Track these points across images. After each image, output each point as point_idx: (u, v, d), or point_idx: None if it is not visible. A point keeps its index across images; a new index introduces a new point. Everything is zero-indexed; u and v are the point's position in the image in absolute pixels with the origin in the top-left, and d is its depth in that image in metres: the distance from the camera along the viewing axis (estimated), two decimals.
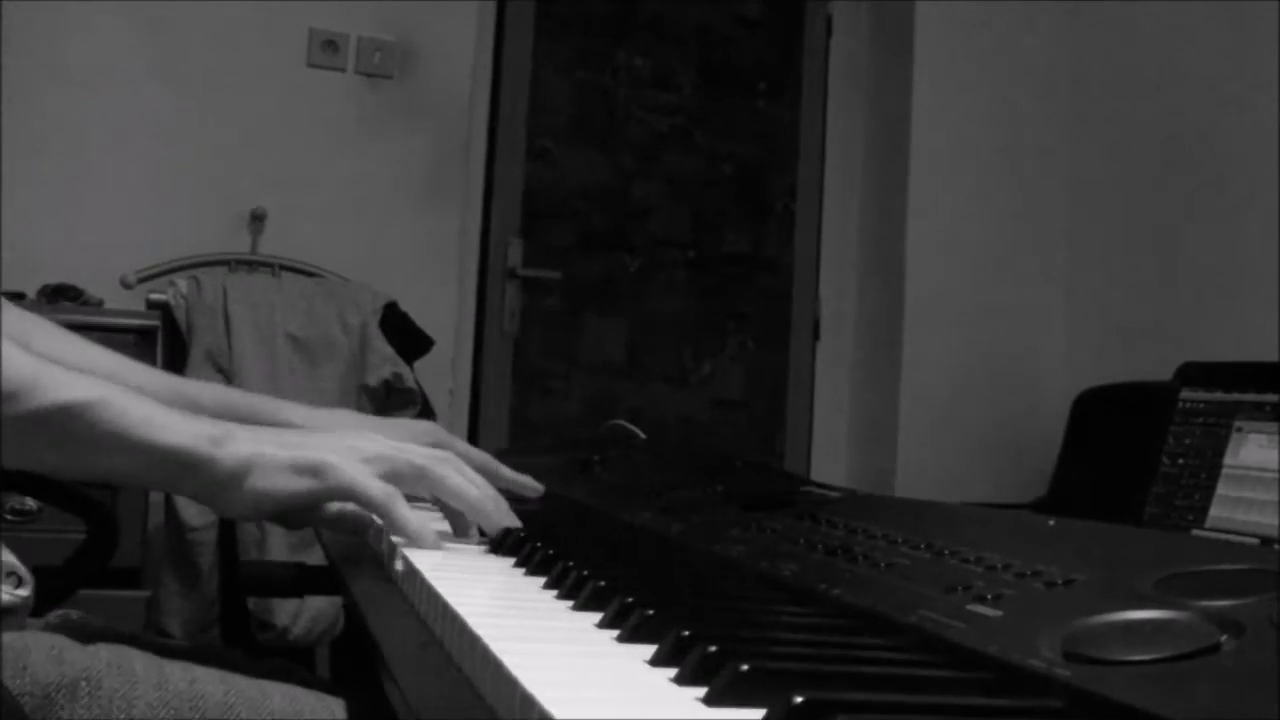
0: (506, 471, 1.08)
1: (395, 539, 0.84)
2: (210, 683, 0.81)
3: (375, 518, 0.90)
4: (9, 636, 0.80)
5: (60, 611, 1.01)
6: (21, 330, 1.12)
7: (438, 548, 0.84)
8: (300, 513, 0.87)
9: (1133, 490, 1.28)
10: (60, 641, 0.81)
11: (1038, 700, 0.46)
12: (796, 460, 3.47)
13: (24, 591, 0.93)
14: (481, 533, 0.90)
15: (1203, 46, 2.93)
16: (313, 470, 0.82)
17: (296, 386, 2.51)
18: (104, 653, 0.81)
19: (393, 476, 0.85)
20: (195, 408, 0.95)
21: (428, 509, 1.05)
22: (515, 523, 0.89)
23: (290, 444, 0.84)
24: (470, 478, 0.89)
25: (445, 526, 0.93)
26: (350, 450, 0.84)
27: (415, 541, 0.83)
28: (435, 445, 1.05)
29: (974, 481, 3.05)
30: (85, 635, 0.94)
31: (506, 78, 3.29)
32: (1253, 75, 2.74)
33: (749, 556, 0.79)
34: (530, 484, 1.10)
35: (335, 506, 0.89)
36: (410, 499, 0.86)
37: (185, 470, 0.79)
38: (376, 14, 3.03)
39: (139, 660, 0.81)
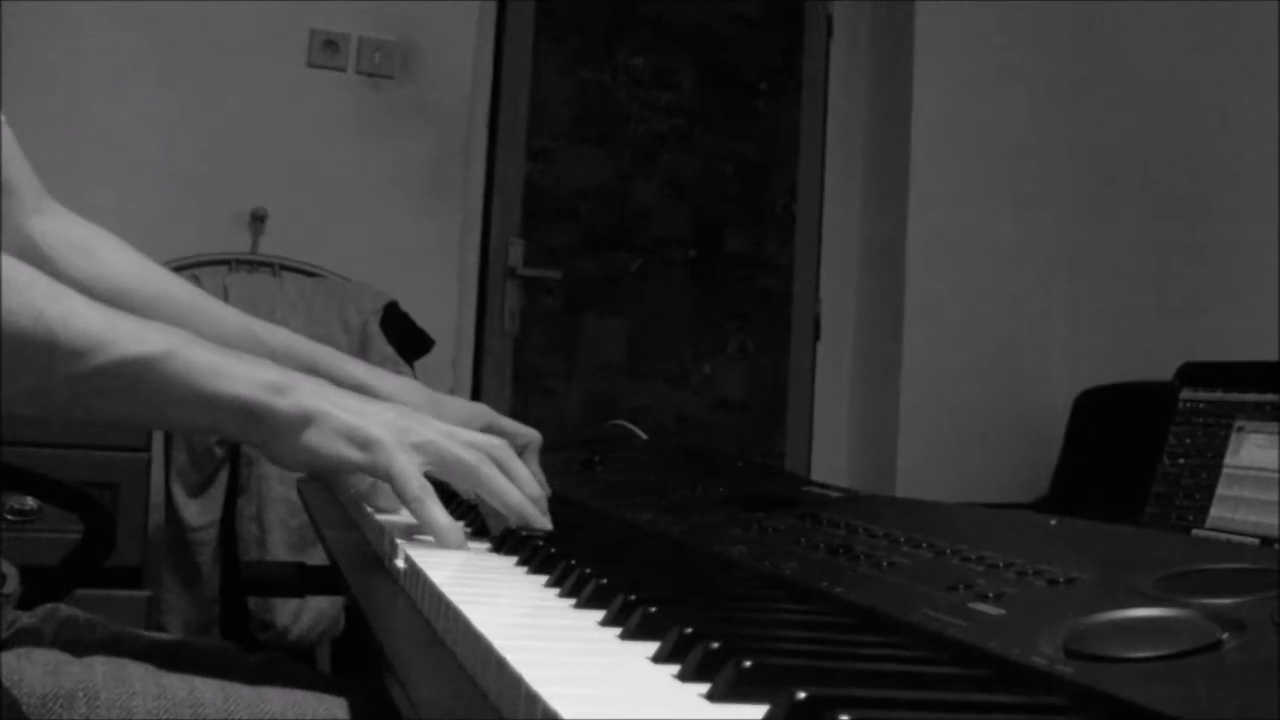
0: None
1: (398, 539, 0.84)
2: (209, 690, 0.80)
3: (376, 515, 0.90)
4: (6, 655, 0.80)
5: (48, 606, 1.01)
6: (85, 244, 1.14)
7: (463, 548, 0.83)
8: (336, 477, 0.88)
9: (1133, 490, 1.28)
10: (56, 656, 0.81)
11: (1039, 697, 0.46)
12: (797, 460, 3.48)
13: (8, 590, 0.93)
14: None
15: (1203, 47, 2.93)
16: (364, 443, 0.82)
17: None
18: (100, 665, 0.81)
19: (439, 465, 0.84)
20: (261, 349, 0.96)
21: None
22: (549, 526, 0.87)
23: (350, 408, 0.84)
24: (517, 475, 0.87)
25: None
26: (404, 431, 0.84)
27: (440, 540, 0.82)
28: (486, 428, 1.05)
29: (974, 481, 3.05)
30: (79, 642, 0.94)
31: (506, 78, 3.29)
32: (1253, 75, 2.74)
33: (750, 556, 0.79)
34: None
35: (368, 482, 0.89)
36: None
37: (249, 419, 0.80)
38: (377, 14, 3.03)
39: (136, 671, 0.81)
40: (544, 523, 0.87)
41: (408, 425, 0.84)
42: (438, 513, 0.82)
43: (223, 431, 0.87)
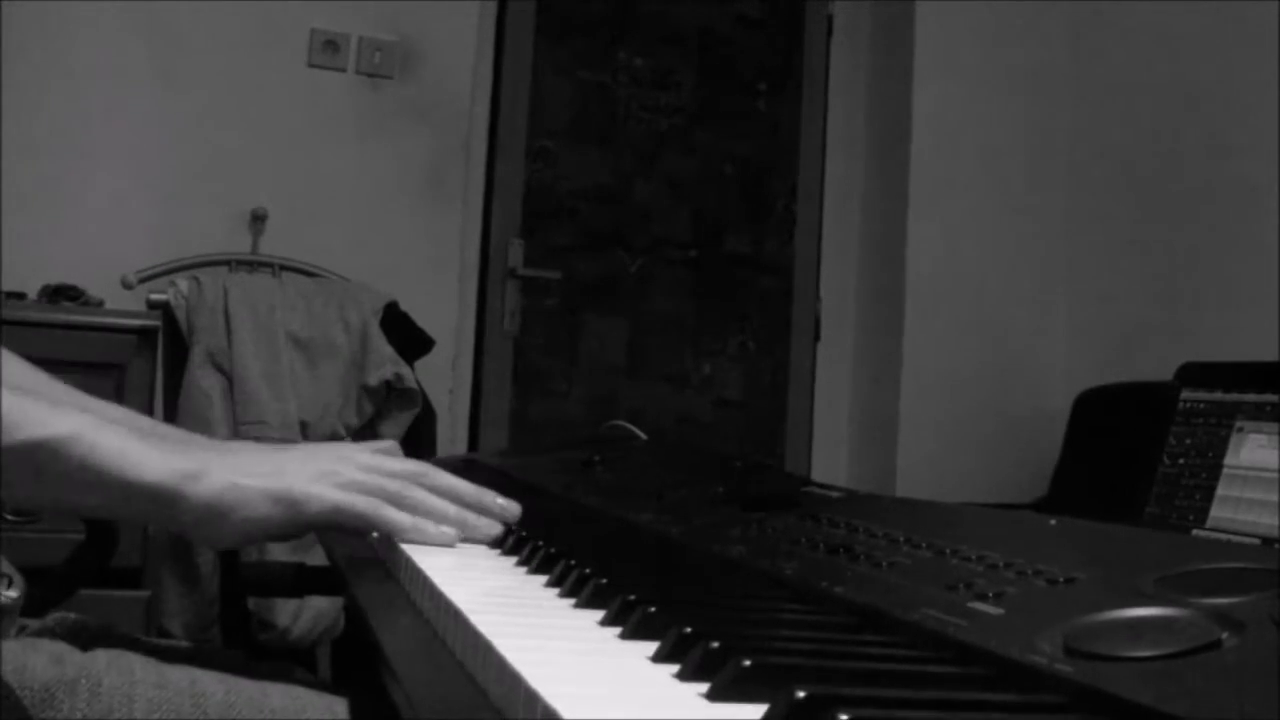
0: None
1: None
2: (211, 682, 0.81)
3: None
4: (9, 643, 0.80)
5: (58, 614, 1.01)
6: None
7: (442, 541, 0.84)
8: (289, 535, 0.87)
9: (1133, 490, 1.28)
10: (60, 647, 0.81)
11: (1039, 696, 0.46)
12: (797, 460, 3.48)
13: (13, 593, 0.93)
14: None
15: (1203, 47, 2.93)
16: (290, 501, 0.82)
17: (297, 386, 2.52)
18: (103, 655, 0.81)
19: (375, 487, 0.85)
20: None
21: None
22: (497, 530, 0.88)
23: (267, 474, 0.82)
24: (446, 486, 0.88)
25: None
26: (324, 475, 0.84)
27: (416, 538, 0.83)
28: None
29: (974, 481, 3.05)
30: (84, 638, 0.94)
31: (506, 78, 3.29)
32: (1253, 75, 2.74)
33: (750, 556, 0.79)
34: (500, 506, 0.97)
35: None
36: None
37: (160, 506, 0.79)
38: (377, 14, 3.03)
39: (139, 662, 0.82)
40: (491, 530, 0.88)
41: (330, 469, 0.84)
42: (396, 516, 0.84)
43: (137, 517, 0.88)
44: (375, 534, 0.90)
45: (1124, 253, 3.16)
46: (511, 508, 0.90)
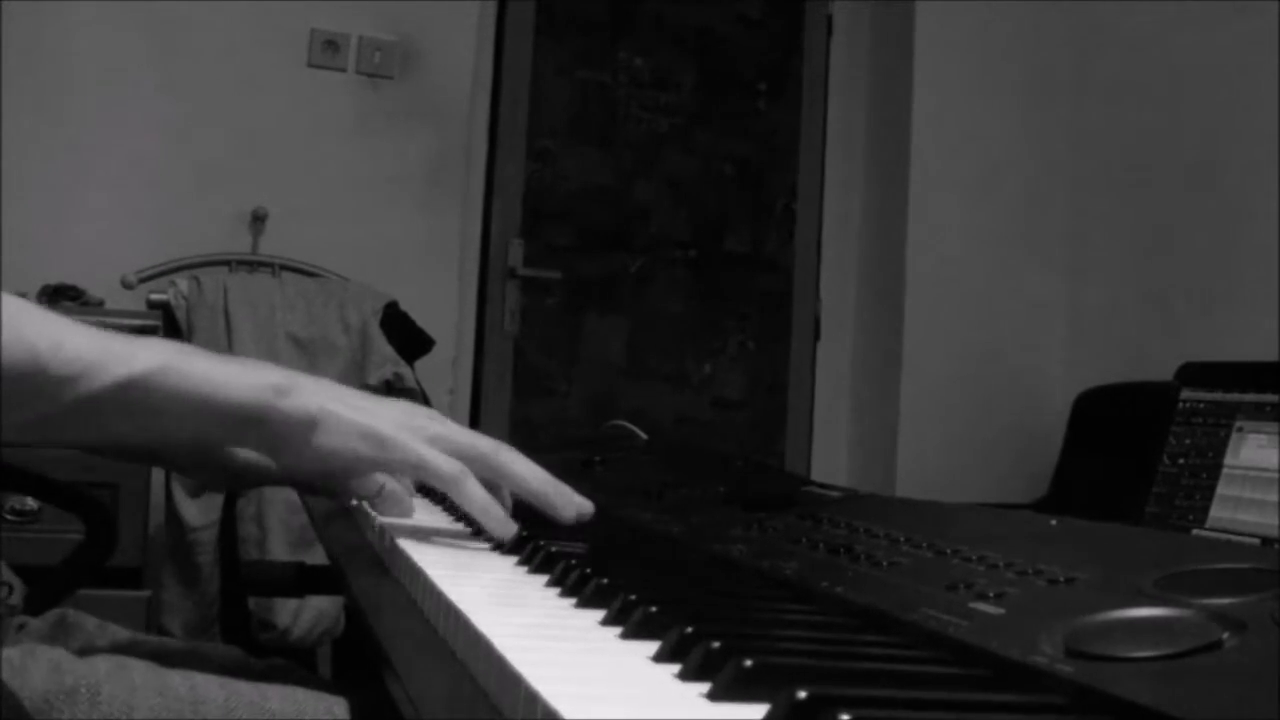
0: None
1: (398, 538, 0.84)
2: (210, 687, 0.81)
3: (378, 518, 0.90)
4: (8, 651, 0.80)
5: (57, 611, 1.01)
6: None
7: (506, 533, 0.82)
8: (340, 480, 0.86)
9: (1133, 490, 1.28)
10: (59, 654, 0.81)
11: (1040, 696, 0.46)
12: (796, 460, 3.48)
13: (13, 600, 0.93)
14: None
15: (1203, 47, 2.93)
16: (380, 441, 0.81)
17: None
18: (103, 663, 0.81)
19: (456, 456, 0.83)
20: None
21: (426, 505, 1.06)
22: (587, 508, 0.86)
23: (358, 406, 0.82)
24: (527, 465, 0.86)
25: (443, 522, 0.93)
26: (415, 428, 0.83)
27: (484, 519, 0.82)
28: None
29: (974, 481, 3.05)
30: (82, 638, 0.94)
31: (506, 78, 3.29)
32: (1252, 76, 2.74)
33: (750, 556, 0.79)
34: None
35: (375, 488, 0.88)
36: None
37: (253, 425, 0.79)
38: (377, 14, 3.03)
39: (138, 669, 0.81)
40: (574, 508, 0.86)
41: (419, 423, 0.83)
42: (477, 491, 0.82)
43: (227, 439, 0.85)
44: (372, 529, 0.89)
45: (1124, 253, 3.16)
46: (587, 505, 0.87)
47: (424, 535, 0.86)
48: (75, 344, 0.73)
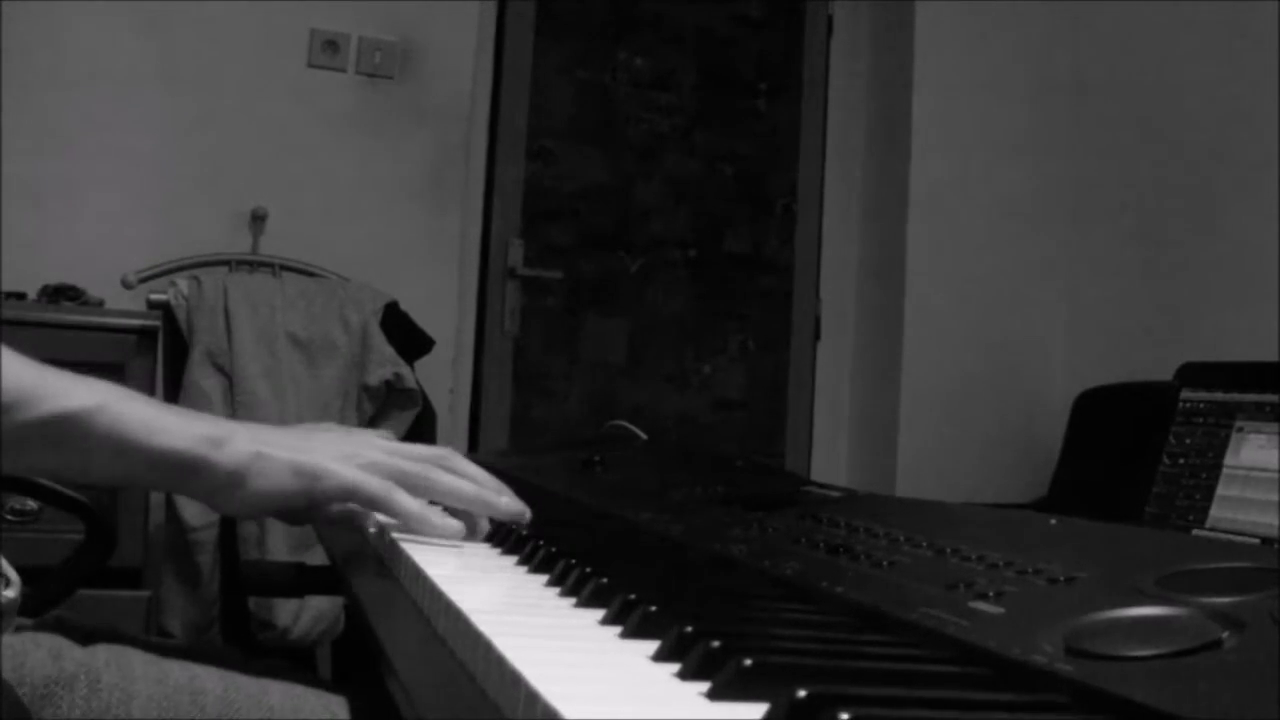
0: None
1: (397, 537, 0.84)
2: (210, 679, 0.81)
3: (376, 515, 0.90)
4: (8, 639, 0.80)
5: (56, 613, 1.01)
6: None
7: (447, 532, 0.86)
8: (300, 511, 0.88)
9: (1133, 490, 1.28)
10: (59, 642, 0.81)
11: (1040, 695, 0.46)
12: (797, 460, 3.48)
13: (10, 593, 0.93)
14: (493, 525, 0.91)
15: (1203, 47, 2.93)
16: (312, 474, 0.83)
17: (296, 386, 2.52)
18: (103, 652, 0.81)
19: (387, 478, 0.86)
20: None
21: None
22: (522, 507, 0.90)
23: (289, 445, 0.84)
24: (467, 473, 0.90)
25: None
26: (349, 456, 0.85)
27: (420, 527, 0.85)
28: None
29: (974, 481, 3.05)
30: (83, 636, 0.94)
31: (506, 78, 3.29)
32: (1253, 76, 2.74)
33: (750, 555, 0.79)
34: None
35: (337, 505, 0.89)
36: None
37: (185, 473, 0.80)
38: (377, 14, 3.03)
39: (138, 658, 0.82)
40: (514, 506, 0.90)
41: (351, 450, 0.86)
42: (408, 503, 0.85)
43: (161, 485, 0.89)
44: (373, 525, 0.90)
45: (1124, 253, 3.16)
46: (522, 510, 0.91)
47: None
48: (13, 374, 0.74)
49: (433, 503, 0.90)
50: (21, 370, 0.74)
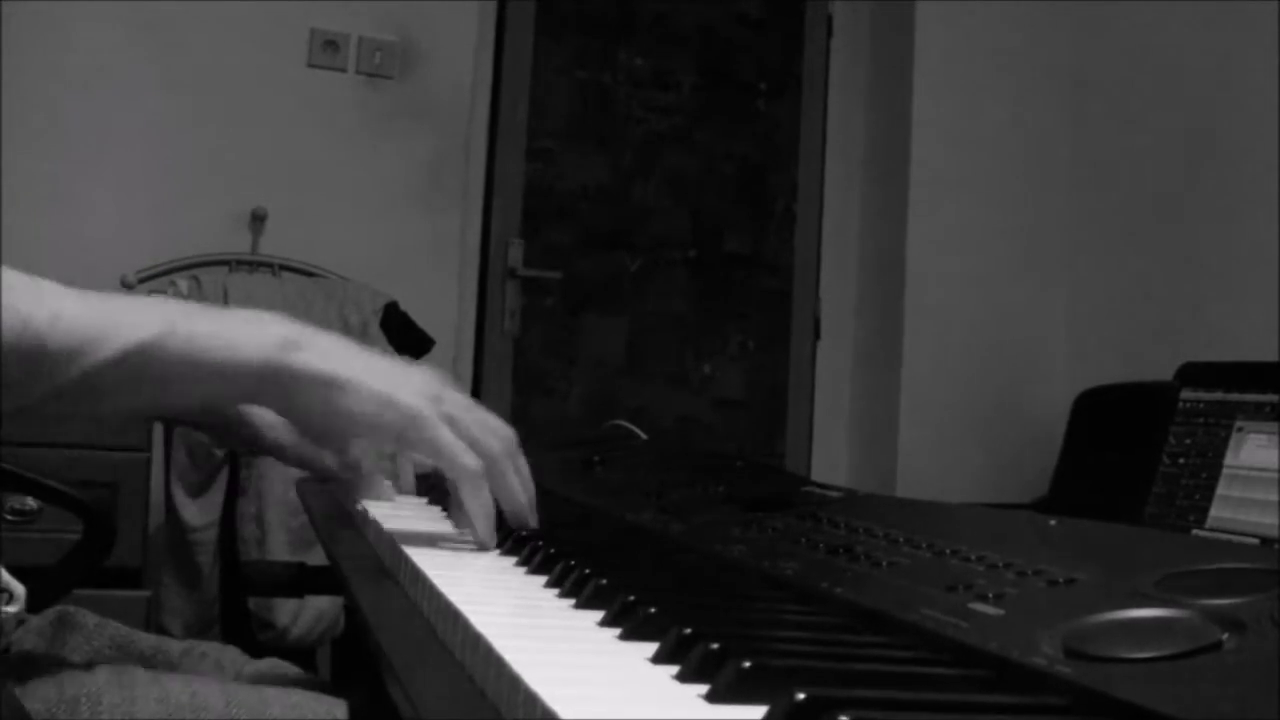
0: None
1: (397, 538, 0.84)
2: (211, 694, 0.81)
3: (374, 515, 0.90)
4: (10, 658, 0.80)
5: (58, 608, 1.01)
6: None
7: (491, 542, 0.80)
8: (345, 443, 0.84)
9: (1133, 490, 1.28)
10: (60, 662, 0.81)
11: (1040, 697, 0.46)
12: (796, 460, 3.47)
13: (12, 609, 0.93)
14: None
15: (1203, 46, 2.93)
16: (405, 416, 0.77)
17: None
18: (104, 672, 0.81)
19: (472, 448, 0.79)
20: None
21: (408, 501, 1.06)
22: (535, 524, 0.85)
23: (375, 369, 0.78)
24: (523, 472, 0.83)
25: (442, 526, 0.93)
26: (435, 399, 0.78)
27: (476, 522, 0.80)
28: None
29: (974, 481, 3.05)
30: (83, 635, 0.94)
31: (506, 78, 3.29)
32: (1253, 75, 2.74)
33: (750, 556, 0.79)
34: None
35: (360, 454, 0.86)
36: None
37: (265, 382, 0.75)
38: (377, 14, 3.03)
39: (139, 676, 0.82)
40: (532, 522, 0.85)
41: (437, 393, 0.79)
42: (486, 497, 0.79)
43: (243, 399, 0.81)
44: (360, 505, 0.89)
45: (1124, 253, 3.16)
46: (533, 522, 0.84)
47: (424, 536, 0.86)
48: (74, 315, 0.69)
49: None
50: (83, 309, 0.70)
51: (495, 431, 0.81)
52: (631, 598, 0.58)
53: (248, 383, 0.75)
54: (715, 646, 0.48)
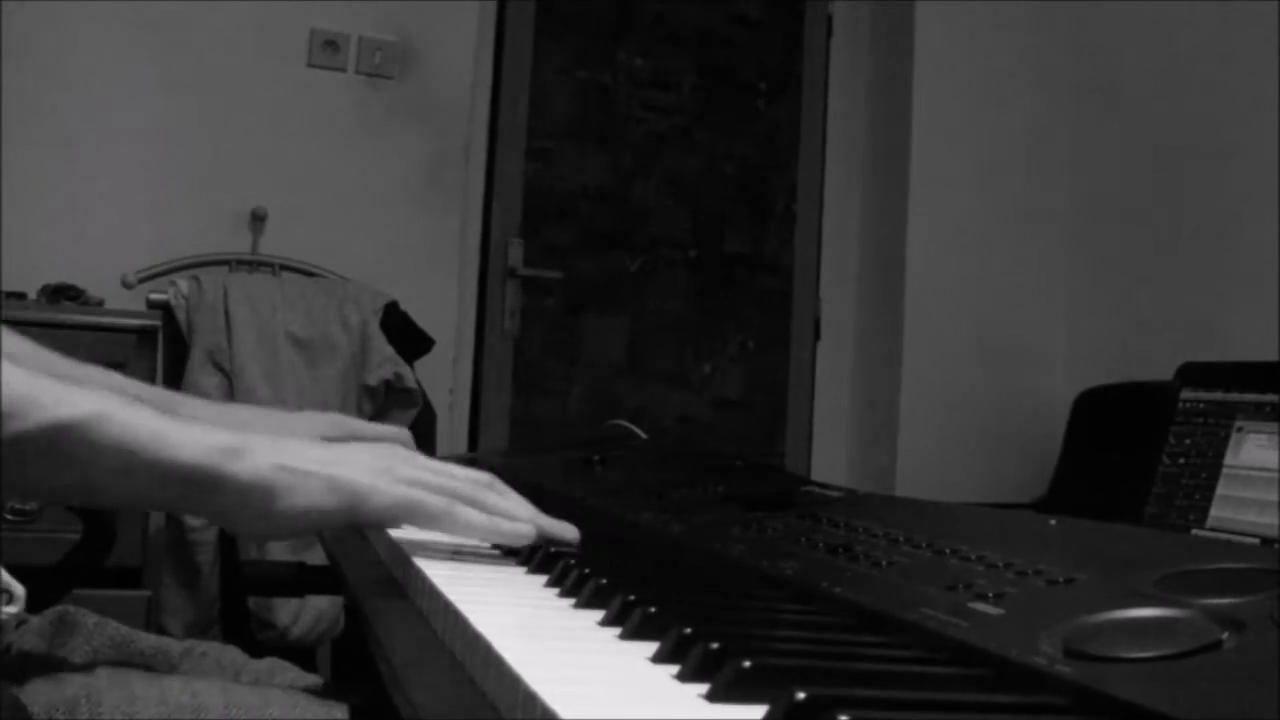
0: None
1: (397, 537, 0.84)
2: (211, 695, 0.80)
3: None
4: (10, 659, 0.80)
5: (59, 608, 1.01)
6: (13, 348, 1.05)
7: (519, 539, 0.79)
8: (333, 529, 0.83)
9: (1133, 490, 1.28)
10: (60, 663, 0.81)
11: (1040, 697, 0.46)
12: (796, 460, 3.47)
13: (13, 609, 0.93)
14: None
15: (1203, 47, 2.93)
16: (354, 492, 0.75)
17: (297, 386, 2.52)
18: (104, 674, 0.81)
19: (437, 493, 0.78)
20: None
21: None
22: (572, 534, 0.83)
23: (320, 458, 0.76)
24: (509, 497, 0.82)
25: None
26: (385, 471, 0.77)
27: (491, 537, 0.78)
28: (348, 436, 1.01)
29: (974, 481, 3.05)
30: (83, 636, 0.94)
31: (506, 78, 3.29)
32: (1253, 75, 2.74)
33: (750, 556, 0.79)
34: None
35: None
36: None
37: (199, 489, 0.72)
38: (377, 14, 3.03)
39: (139, 678, 0.81)
40: (569, 533, 0.82)
41: (387, 465, 0.77)
42: (472, 516, 0.77)
43: (173, 504, 0.77)
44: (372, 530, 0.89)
45: (1124, 253, 3.16)
46: (574, 537, 0.82)
47: (423, 537, 0.86)
48: (10, 383, 0.67)
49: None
50: (16, 376, 0.68)
51: (461, 476, 0.80)
52: (631, 597, 0.58)
53: (180, 487, 0.72)
54: (715, 646, 0.48)
